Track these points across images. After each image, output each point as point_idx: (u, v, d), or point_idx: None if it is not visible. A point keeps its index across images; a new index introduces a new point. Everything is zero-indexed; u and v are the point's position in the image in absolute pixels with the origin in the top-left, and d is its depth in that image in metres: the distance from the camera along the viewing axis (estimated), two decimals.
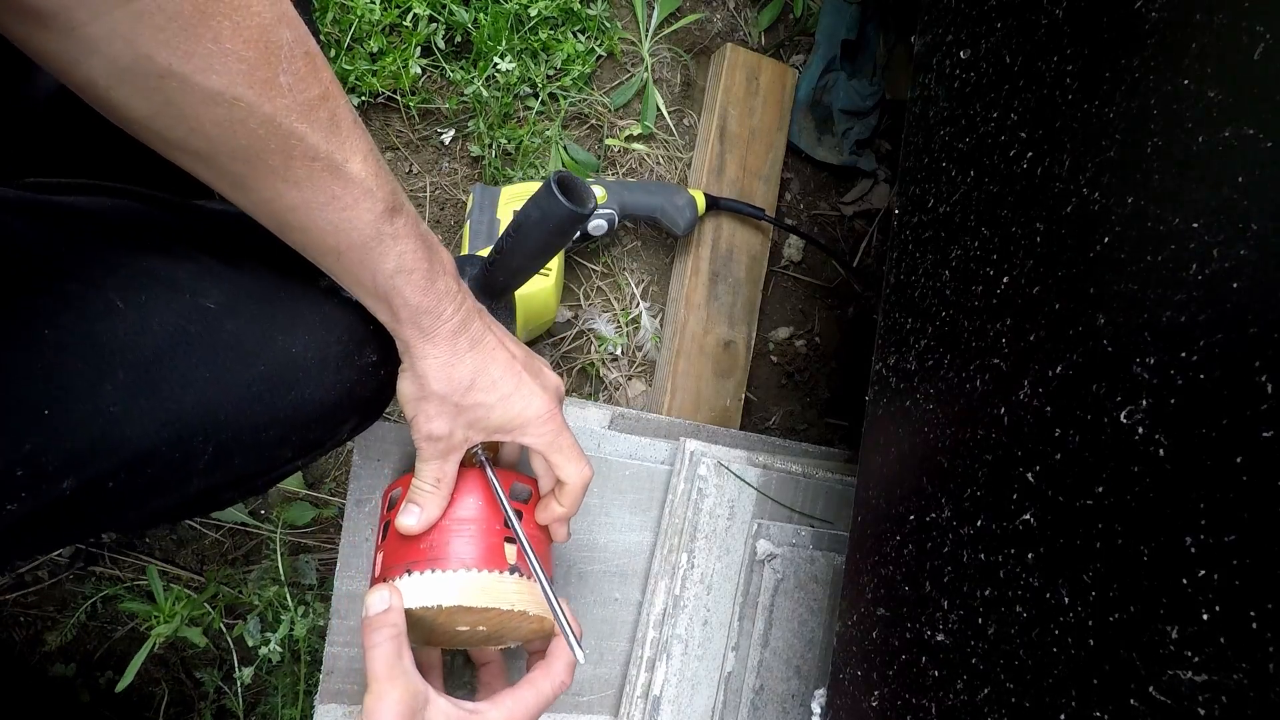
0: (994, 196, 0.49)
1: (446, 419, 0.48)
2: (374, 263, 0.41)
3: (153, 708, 0.86)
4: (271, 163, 0.36)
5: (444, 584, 0.49)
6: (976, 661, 0.45)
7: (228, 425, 0.41)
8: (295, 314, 0.44)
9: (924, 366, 0.54)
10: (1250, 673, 0.31)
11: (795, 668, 0.80)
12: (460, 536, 0.50)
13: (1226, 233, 0.34)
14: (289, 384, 0.43)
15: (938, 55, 0.57)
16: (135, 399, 0.37)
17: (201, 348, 0.40)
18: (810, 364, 1.04)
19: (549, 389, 0.51)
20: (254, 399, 0.42)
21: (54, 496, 0.36)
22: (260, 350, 0.42)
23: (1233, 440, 0.32)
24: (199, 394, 0.40)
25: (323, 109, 0.36)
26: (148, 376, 0.38)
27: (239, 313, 0.41)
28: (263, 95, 0.33)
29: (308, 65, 0.35)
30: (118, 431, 0.37)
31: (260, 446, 0.43)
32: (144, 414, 0.38)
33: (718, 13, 0.99)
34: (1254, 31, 0.34)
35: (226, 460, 0.42)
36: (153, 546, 0.86)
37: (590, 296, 0.93)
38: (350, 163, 0.38)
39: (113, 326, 0.37)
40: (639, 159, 0.95)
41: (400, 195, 0.41)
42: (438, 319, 0.45)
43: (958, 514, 0.48)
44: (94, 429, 0.36)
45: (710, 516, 0.76)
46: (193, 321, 0.40)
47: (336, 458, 0.88)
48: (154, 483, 0.40)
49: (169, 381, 0.39)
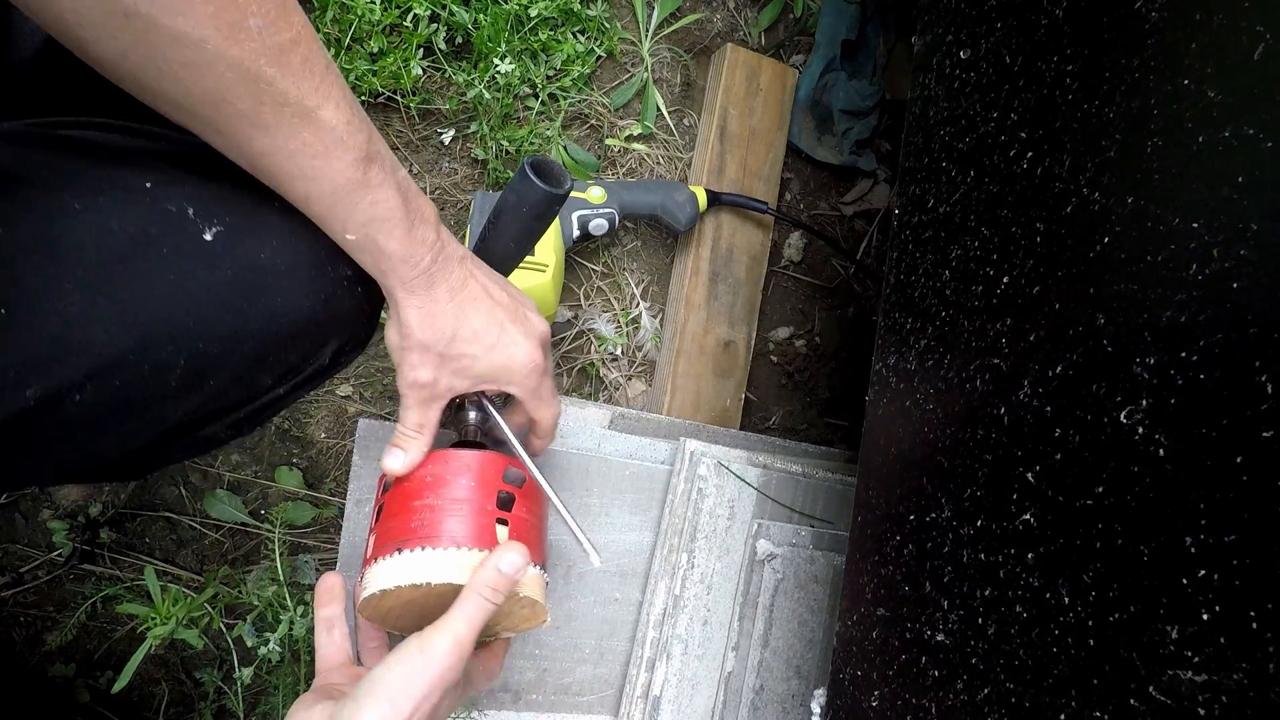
0: (994, 196, 0.49)
1: (431, 368, 0.49)
2: (345, 211, 0.41)
3: (153, 708, 0.86)
4: (240, 107, 0.35)
5: (433, 561, 0.48)
6: (976, 661, 0.45)
7: (196, 335, 0.40)
8: (263, 221, 0.42)
9: (924, 366, 0.54)
10: (1250, 673, 0.31)
11: (795, 668, 0.80)
12: (453, 515, 0.50)
13: (1226, 233, 0.34)
14: (258, 290, 0.41)
15: (938, 55, 0.57)
16: (95, 300, 0.37)
17: (163, 249, 0.39)
18: (810, 364, 1.04)
19: (533, 336, 0.51)
20: (221, 304, 0.40)
21: (19, 407, 0.35)
22: (225, 254, 0.40)
23: (1233, 440, 0.32)
24: (163, 297, 0.39)
25: (294, 53, 0.35)
26: (108, 277, 0.37)
27: (203, 216, 0.40)
28: (230, 38, 0.33)
29: (278, 8, 0.34)
30: (79, 334, 0.36)
31: (235, 365, 0.42)
32: (105, 316, 0.37)
33: (718, 13, 0.99)
34: (1254, 31, 0.34)
35: (200, 380, 0.41)
36: (152, 546, 0.86)
37: (590, 296, 0.93)
38: (322, 109, 0.37)
39: (70, 226, 0.37)
40: (639, 159, 0.95)
41: (377, 144, 0.41)
42: (414, 268, 0.44)
43: (958, 514, 0.48)
44: (53, 329, 0.36)
45: (710, 516, 0.76)
46: (154, 224, 0.39)
47: (336, 458, 0.88)
48: (125, 400, 0.39)
49: (130, 283, 0.38)
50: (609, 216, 0.84)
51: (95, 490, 0.84)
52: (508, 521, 0.51)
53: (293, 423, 0.87)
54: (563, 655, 0.73)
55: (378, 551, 0.51)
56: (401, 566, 0.48)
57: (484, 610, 0.46)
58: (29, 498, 0.83)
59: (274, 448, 0.87)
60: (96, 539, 0.83)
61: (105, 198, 0.38)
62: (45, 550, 0.83)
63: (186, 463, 0.85)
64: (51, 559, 0.83)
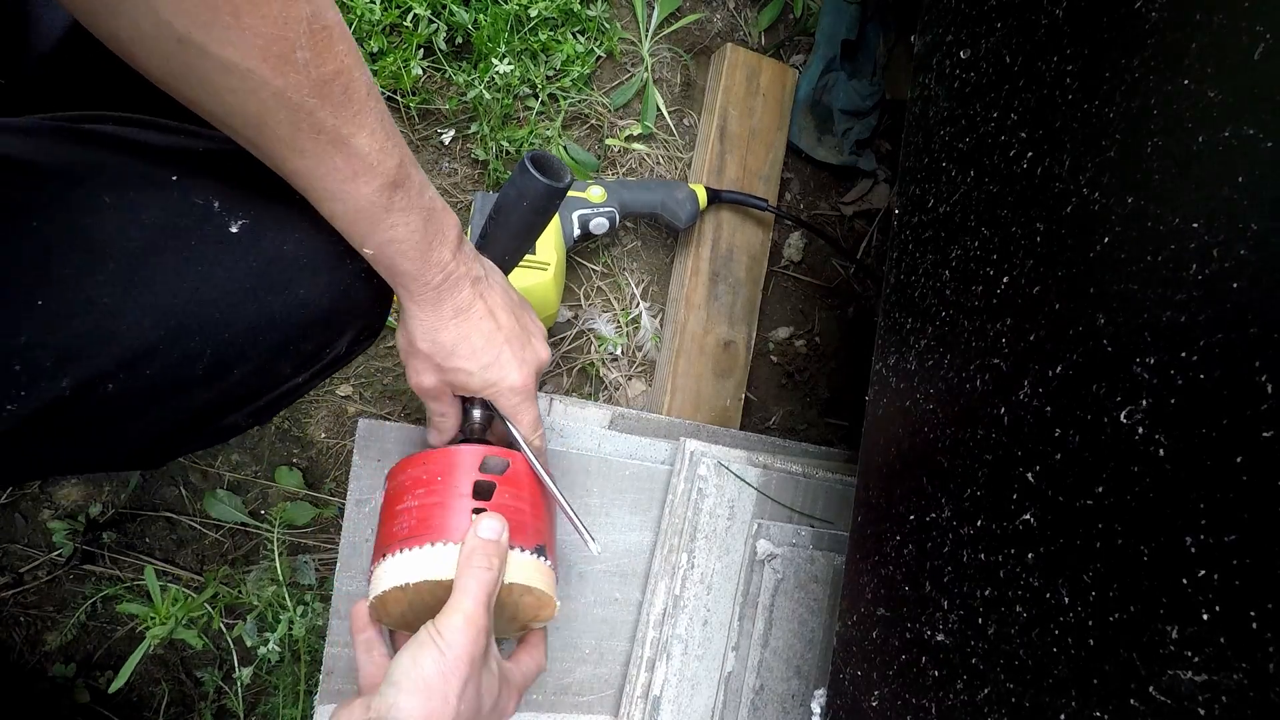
0: (994, 196, 0.49)
1: (431, 375, 0.53)
2: (365, 230, 0.43)
3: (152, 708, 0.86)
4: (279, 132, 0.37)
5: (414, 561, 0.50)
6: (976, 661, 0.45)
7: (222, 325, 0.41)
8: (285, 216, 0.44)
9: (924, 366, 0.54)
10: (1250, 673, 0.31)
11: (795, 668, 0.80)
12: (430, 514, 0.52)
13: (1226, 233, 0.34)
14: (282, 283, 0.43)
15: (938, 55, 0.57)
16: (127, 291, 0.38)
17: (191, 242, 0.40)
18: (810, 364, 1.04)
19: (528, 363, 0.54)
20: (247, 295, 0.41)
21: (53, 396, 0.36)
22: (251, 247, 0.42)
23: (1233, 440, 0.32)
24: (191, 288, 0.40)
25: (335, 83, 0.37)
26: (138, 269, 0.38)
27: (228, 210, 0.41)
28: (276, 70, 0.34)
29: (325, 40, 0.35)
30: (111, 324, 0.37)
31: (258, 354, 0.43)
32: (137, 307, 0.38)
33: (718, 13, 0.99)
34: (1254, 31, 0.34)
35: (225, 369, 0.42)
36: (152, 546, 0.86)
37: (590, 296, 0.93)
38: (357, 137, 0.39)
39: (101, 221, 0.38)
40: (639, 159, 0.95)
41: (408, 167, 0.42)
42: (425, 286, 0.47)
43: (958, 514, 0.48)
44: (87, 321, 0.37)
45: (710, 516, 0.76)
46: (181, 216, 0.40)
47: (336, 458, 0.88)
48: (153, 387, 0.40)
49: (160, 275, 0.39)
50: (609, 215, 0.84)
51: (95, 490, 0.84)
52: (486, 510, 0.52)
53: (293, 423, 0.87)
54: (563, 655, 0.73)
55: (373, 560, 0.53)
56: (389, 571, 0.50)
57: (482, 581, 0.47)
58: (29, 498, 0.83)
59: (274, 448, 0.87)
60: (96, 539, 0.83)
61: (133, 191, 0.39)
62: (45, 550, 0.83)
63: (187, 463, 0.85)
64: (51, 559, 0.83)
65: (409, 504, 0.53)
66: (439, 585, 0.49)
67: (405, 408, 0.89)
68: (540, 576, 0.53)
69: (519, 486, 0.55)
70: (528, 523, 0.54)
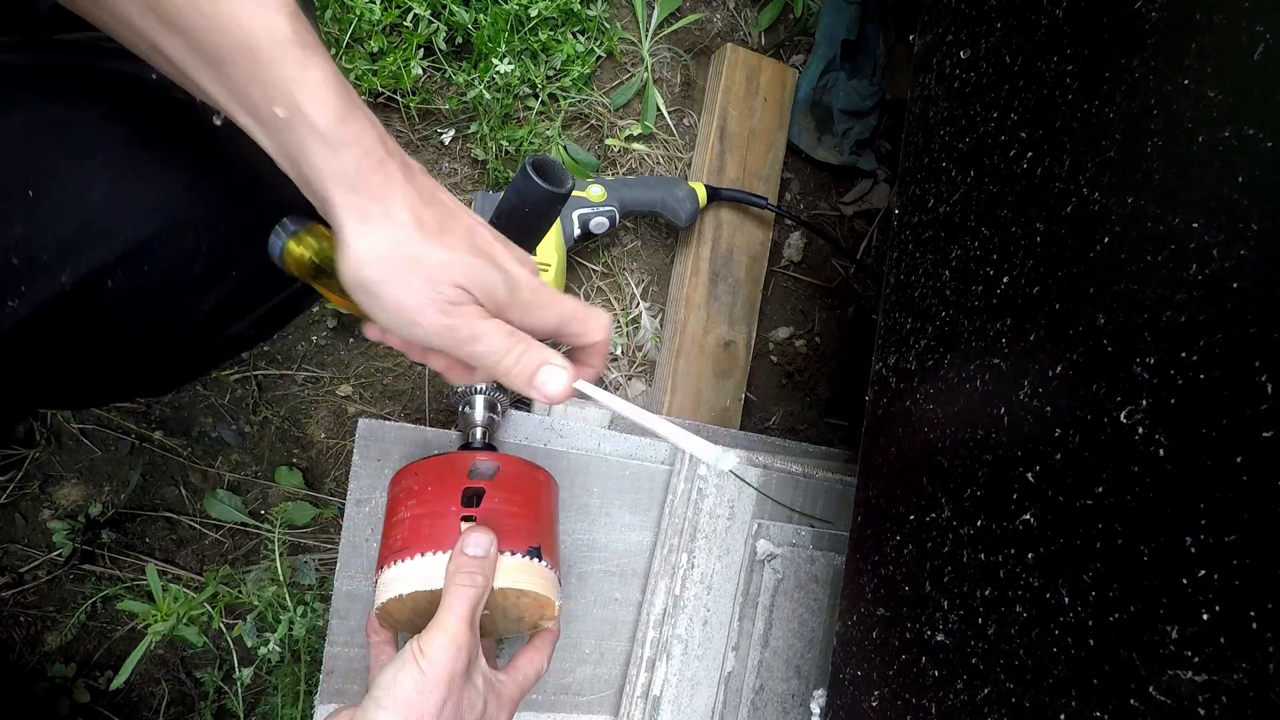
0: (994, 196, 0.49)
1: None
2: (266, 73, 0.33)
3: (152, 708, 0.86)
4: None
5: (406, 572, 0.51)
6: (976, 661, 0.45)
7: (216, 220, 0.40)
8: None
9: (924, 366, 0.54)
10: (1250, 673, 0.31)
11: (795, 668, 0.80)
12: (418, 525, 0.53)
13: (1226, 233, 0.34)
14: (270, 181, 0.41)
15: (938, 55, 0.57)
16: (119, 182, 0.37)
17: (179, 136, 0.40)
18: (810, 364, 1.04)
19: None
20: (238, 191, 0.41)
21: (54, 292, 0.36)
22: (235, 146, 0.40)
23: (1233, 440, 0.32)
24: (181, 182, 0.39)
25: None
26: (128, 160, 0.38)
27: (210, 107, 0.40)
28: None
29: None
30: (105, 216, 0.37)
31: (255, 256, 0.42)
32: (130, 197, 0.38)
33: (718, 13, 0.99)
34: (1254, 31, 0.34)
35: (223, 270, 0.42)
36: (152, 546, 0.86)
37: (590, 296, 0.93)
38: None
39: (84, 111, 0.37)
40: (639, 159, 0.95)
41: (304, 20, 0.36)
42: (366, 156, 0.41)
43: (958, 514, 0.48)
44: (81, 211, 0.36)
45: (710, 516, 0.76)
46: (165, 111, 0.39)
47: (336, 458, 0.88)
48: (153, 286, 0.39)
49: (149, 168, 0.38)
50: (609, 214, 0.84)
51: (95, 490, 0.84)
52: (475, 518, 0.53)
53: (293, 423, 0.87)
54: (563, 655, 0.73)
55: (376, 570, 0.54)
56: (388, 583, 0.52)
57: (466, 598, 0.47)
58: (29, 497, 0.83)
59: (274, 448, 0.87)
60: (96, 539, 0.83)
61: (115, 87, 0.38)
62: (45, 550, 0.83)
63: (186, 463, 0.85)
64: (51, 559, 0.83)
65: (402, 515, 0.54)
66: (434, 594, 0.50)
67: (405, 408, 0.89)
68: (532, 579, 0.53)
69: (509, 490, 0.55)
70: (520, 525, 0.54)
